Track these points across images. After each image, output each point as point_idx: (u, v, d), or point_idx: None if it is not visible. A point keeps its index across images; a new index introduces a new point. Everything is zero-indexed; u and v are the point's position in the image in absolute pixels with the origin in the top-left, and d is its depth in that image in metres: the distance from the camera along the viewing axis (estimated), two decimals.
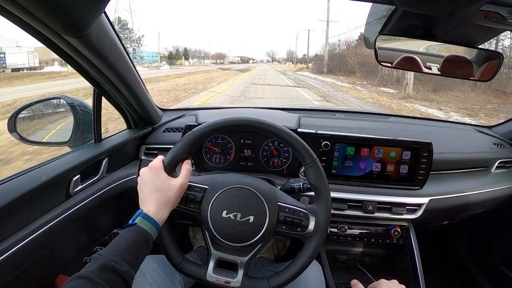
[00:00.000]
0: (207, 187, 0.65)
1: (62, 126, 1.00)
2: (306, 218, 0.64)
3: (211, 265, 0.65)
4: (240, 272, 0.65)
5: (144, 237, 0.53)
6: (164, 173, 0.61)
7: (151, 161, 1.07)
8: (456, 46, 0.70)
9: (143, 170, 0.61)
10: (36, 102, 0.98)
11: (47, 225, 0.67)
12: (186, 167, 0.64)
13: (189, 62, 71.17)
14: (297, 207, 0.65)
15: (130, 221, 0.55)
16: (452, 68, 0.73)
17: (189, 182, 0.65)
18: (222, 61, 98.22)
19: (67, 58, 0.65)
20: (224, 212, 0.62)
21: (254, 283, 0.64)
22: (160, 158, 0.63)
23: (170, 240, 0.64)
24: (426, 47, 0.71)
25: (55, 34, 0.55)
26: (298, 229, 0.64)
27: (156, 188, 0.58)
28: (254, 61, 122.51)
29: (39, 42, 0.58)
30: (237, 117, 0.65)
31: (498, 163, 1.13)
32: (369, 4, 0.59)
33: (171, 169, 0.63)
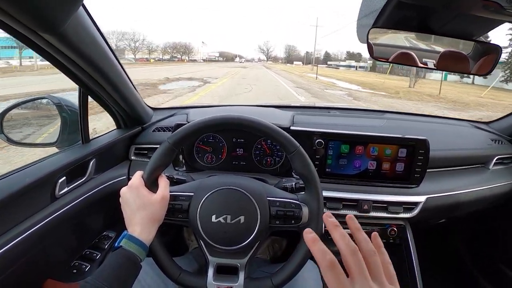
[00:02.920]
0: (192, 194, 0.62)
1: (54, 128, 0.97)
2: (299, 209, 0.61)
3: (210, 272, 0.63)
4: (241, 275, 0.62)
5: (131, 260, 0.52)
6: (144, 189, 0.59)
7: (141, 161, 1.06)
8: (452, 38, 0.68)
9: (123, 190, 0.59)
10: (23, 103, 0.96)
11: (31, 229, 0.65)
12: (163, 179, 0.62)
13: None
14: (288, 199, 0.63)
15: (116, 244, 0.54)
16: (448, 63, 0.72)
17: (174, 191, 0.63)
18: (189, 56, 69.17)
19: (47, 56, 0.63)
20: (213, 216, 0.59)
21: (257, 284, 0.62)
22: (138, 174, 0.61)
23: (164, 255, 0.62)
24: (421, 39, 0.69)
25: (31, 32, 0.52)
26: (292, 221, 0.61)
27: (138, 207, 0.56)
28: (242, 59, 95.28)
29: None
30: (210, 118, 0.62)
31: (496, 160, 1.12)
32: None
33: (153, 183, 0.61)
